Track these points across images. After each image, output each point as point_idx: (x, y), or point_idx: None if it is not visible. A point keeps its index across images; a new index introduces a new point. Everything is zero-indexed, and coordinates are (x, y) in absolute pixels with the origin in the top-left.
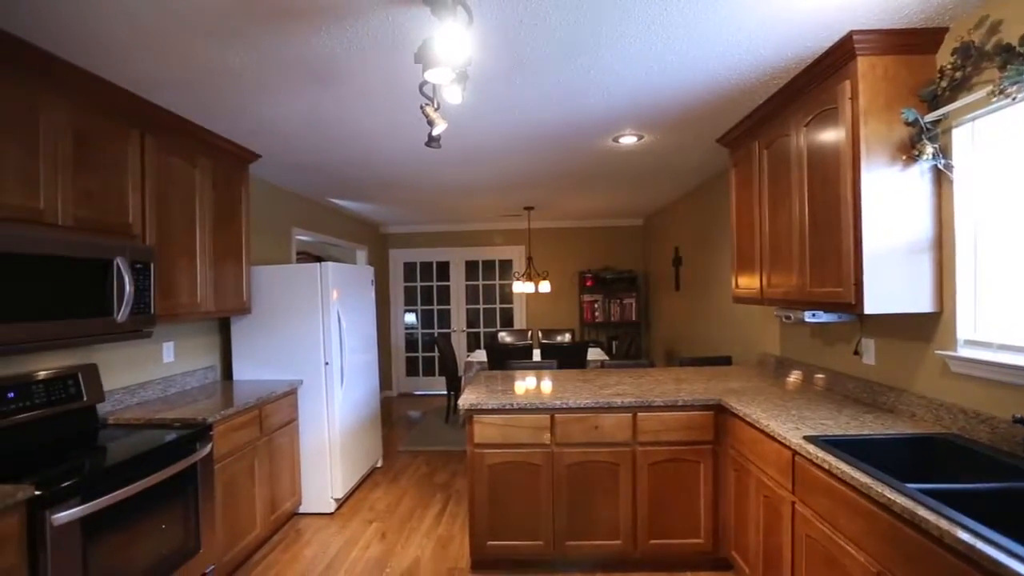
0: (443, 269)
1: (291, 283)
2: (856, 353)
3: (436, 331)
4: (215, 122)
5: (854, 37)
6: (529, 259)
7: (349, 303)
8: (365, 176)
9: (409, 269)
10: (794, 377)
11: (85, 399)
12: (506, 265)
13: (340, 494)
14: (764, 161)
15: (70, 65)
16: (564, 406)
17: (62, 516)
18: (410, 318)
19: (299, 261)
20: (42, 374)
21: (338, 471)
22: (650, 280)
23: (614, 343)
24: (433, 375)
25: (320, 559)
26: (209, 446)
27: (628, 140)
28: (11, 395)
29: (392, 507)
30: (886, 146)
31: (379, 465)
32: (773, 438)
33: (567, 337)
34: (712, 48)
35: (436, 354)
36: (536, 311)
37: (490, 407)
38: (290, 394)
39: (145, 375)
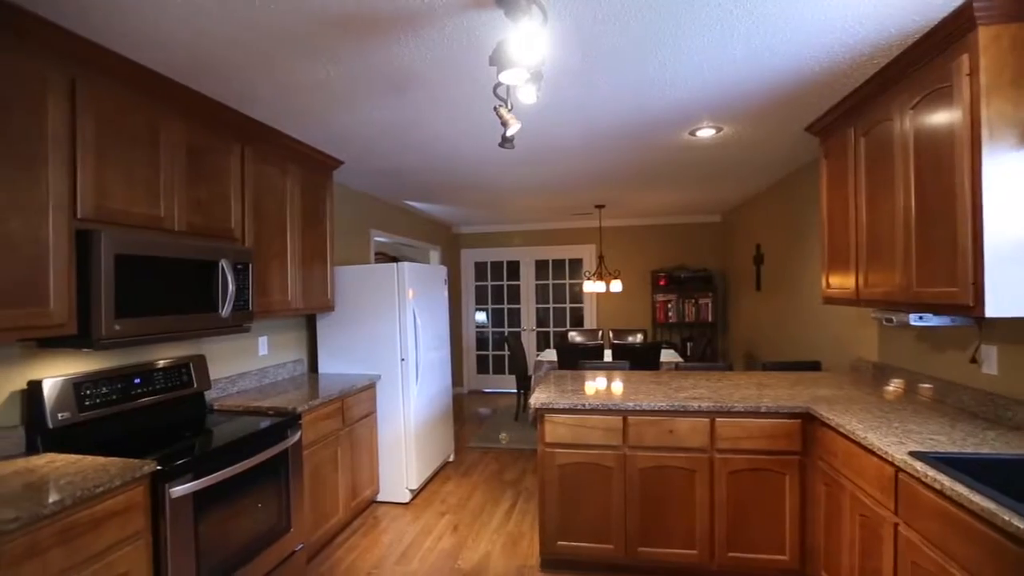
0: (513, 268)
1: (370, 282)
2: (974, 361)
3: (506, 330)
4: (303, 132)
5: (974, 4)
6: (600, 258)
7: (424, 302)
8: (439, 179)
9: (480, 268)
10: (895, 386)
11: (195, 386)
12: (576, 264)
13: (415, 485)
14: (861, 149)
15: (184, 87)
16: (637, 408)
17: (178, 490)
18: (480, 317)
19: (376, 261)
20: (161, 363)
21: (413, 463)
22: (728, 279)
23: (688, 345)
24: (503, 373)
25: (396, 546)
26: (299, 434)
27: (706, 133)
28: (137, 381)
29: (463, 501)
30: (1012, 127)
31: (451, 459)
32: (872, 452)
33: (639, 338)
34: (803, 28)
35: (506, 353)
36: (607, 311)
37: (561, 407)
38: (369, 388)
39: (243, 366)
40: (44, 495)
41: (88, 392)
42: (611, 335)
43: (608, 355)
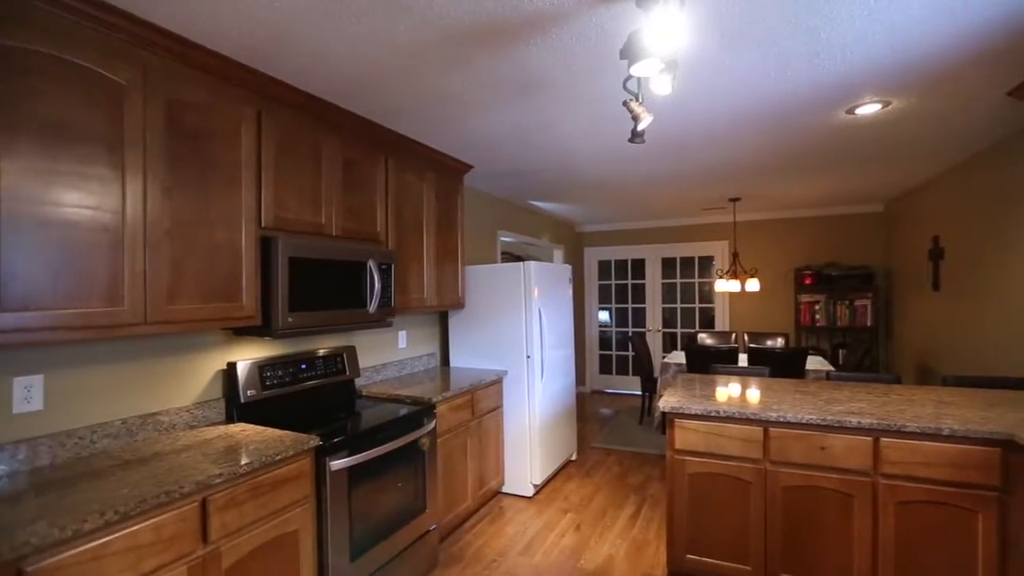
0: (638, 267)
1: (498, 281)
2: None
3: (630, 330)
4: (438, 140)
5: None
6: (734, 255)
7: (549, 300)
8: (564, 178)
9: (603, 267)
10: None
11: (347, 373)
12: (706, 262)
13: (538, 480)
14: None
15: (341, 108)
16: (781, 419)
17: (337, 463)
18: (604, 316)
19: (502, 261)
20: (321, 352)
21: (537, 458)
22: (893, 277)
23: (841, 352)
24: (626, 374)
25: (520, 538)
26: (434, 422)
27: (868, 110)
28: (303, 366)
29: (586, 501)
30: None
31: (573, 458)
32: None
33: (779, 342)
34: None
35: (630, 353)
36: (741, 312)
37: (693, 412)
38: (497, 383)
39: (385, 357)
40: (239, 457)
41: (268, 374)
42: (746, 338)
43: (743, 359)
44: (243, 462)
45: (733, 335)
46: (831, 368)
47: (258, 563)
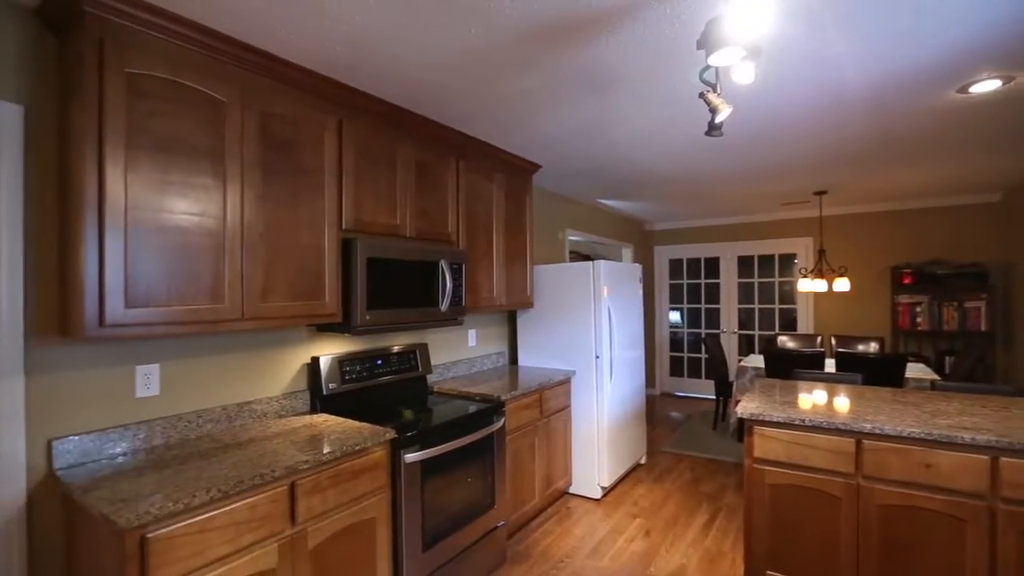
0: (712, 265)
1: (566, 280)
2: None
3: (703, 331)
4: (507, 141)
5: None
6: (820, 252)
7: (618, 300)
8: (634, 175)
9: (675, 266)
10: None
11: (420, 370)
12: (787, 260)
13: (606, 483)
14: None
15: (414, 114)
16: (877, 431)
17: (410, 456)
18: (674, 316)
19: (570, 260)
20: (395, 348)
21: (605, 460)
22: (1014, 276)
23: (948, 359)
24: (698, 377)
25: (587, 540)
26: (503, 420)
27: (986, 87)
28: (379, 362)
29: (656, 506)
30: None
31: (642, 462)
32: None
33: (873, 347)
34: None
35: (703, 355)
36: (827, 313)
37: (775, 419)
38: (565, 383)
39: (456, 355)
40: (322, 446)
41: (347, 368)
42: (834, 342)
43: (831, 365)
44: (326, 451)
45: (819, 338)
46: (936, 377)
47: (339, 546)
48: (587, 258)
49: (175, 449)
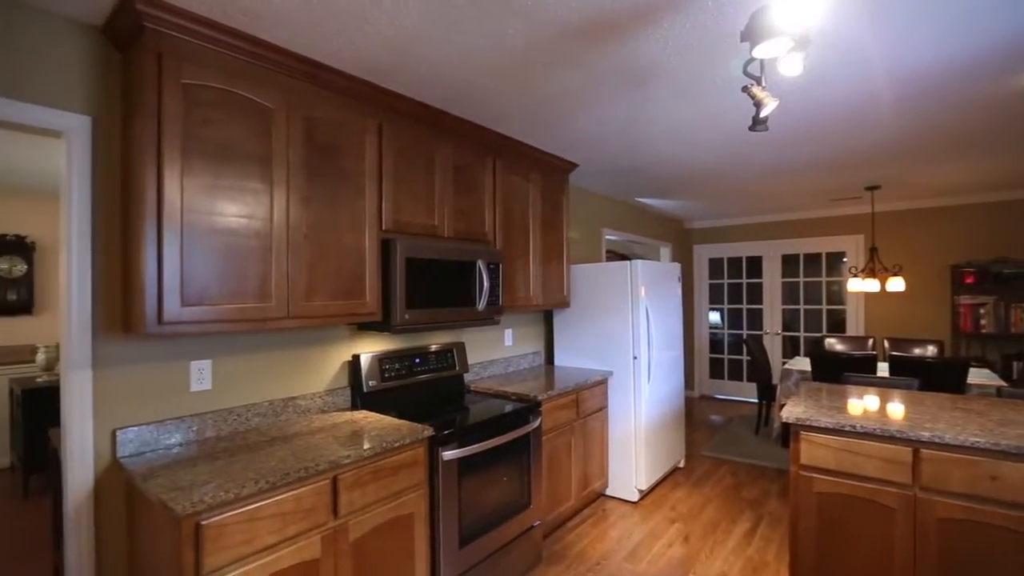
0: (754, 264)
1: (604, 280)
2: None
3: (745, 332)
4: (543, 140)
5: None
6: (872, 251)
7: (656, 300)
8: (674, 172)
9: (715, 265)
10: None
11: (457, 369)
12: (835, 258)
13: (644, 486)
14: None
15: (452, 115)
16: (937, 440)
17: (448, 454)
18: (714, 317)
19: (606, 259)
20: (433, 347)
21: (642, 463)
22: None
23: (1016, 364)
24: (739, 380)
25: (624, 543)
26: (539, 420)
27: None
28: (417, 360)
29: (695, 512)
30: None
31: (681, 465)
32: None
33: (931, 350)
34: None
35: (744, 357)
36: (879, 315)
37: (823, 425)
38: (601, 383)
39: (493, 354)
40: (363, 442)
41: (387, 366)
42: (887, 345)
43: (883, 369)
44: (366, 447)
45: (870, 341)
46: (1002, 383)
47: (378, 541)
48: (624, 257)
49: (225, 441)
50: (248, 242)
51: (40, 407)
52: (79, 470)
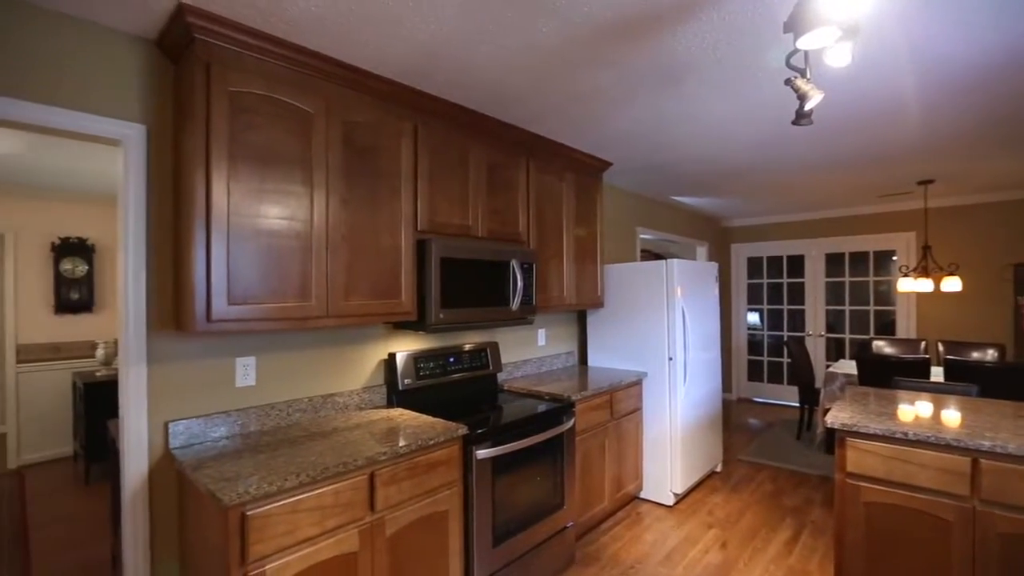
0: (796, 264)
1: (638, 280)
2: None
3: (785, 334)
4: (577, 139)
5: None
6: (925, 249)
7: (692, 300)
8: (711, 169)
9: (754, 264)
10: None
11: (490, 368)
12: (884, 257)
13: (679, 489)
14: None
15: (485, 116)
16: (999, 450)
17: (482, 453)
18: (753, 318)
19: (641, 259)
20: (467, 346)
21: (678, 466)
22: None
23: None
24: (779, 383)
25: (659, 548)
26: (573, 420)
27: None
28: (451, 360)
29: (732, 518)
30: None
31: (718, 470)
32: None
33: (991, 354)
34: None
35: (785, 360)
36: (932, 317)
37: (872, 431)
38: (636, 384)
39: (526, 354)
40: (399, 439)
41: (422, 365)
42: (941, 348)
43: (938, 373)
44: (402, 444)
45: (923, 343)
46: None
47: (414, 536)
48: (658, 257)
49: (267, 435)
50: (289, 243)
51: (100, 400)
52: (135, 459)
